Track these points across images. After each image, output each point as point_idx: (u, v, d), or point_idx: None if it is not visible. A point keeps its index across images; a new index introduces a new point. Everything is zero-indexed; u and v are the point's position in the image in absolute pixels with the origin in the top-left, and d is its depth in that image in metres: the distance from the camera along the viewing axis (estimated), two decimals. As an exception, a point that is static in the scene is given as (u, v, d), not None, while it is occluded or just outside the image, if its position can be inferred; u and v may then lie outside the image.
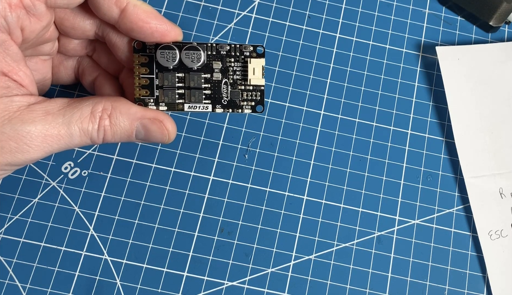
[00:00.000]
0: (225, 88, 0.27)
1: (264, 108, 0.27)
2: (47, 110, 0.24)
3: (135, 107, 0.26)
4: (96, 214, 0.32)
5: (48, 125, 0.24)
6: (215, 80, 0.27)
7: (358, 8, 0.37)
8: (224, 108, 0.28)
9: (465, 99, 0.35)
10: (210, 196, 0.32)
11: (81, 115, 0.25)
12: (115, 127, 0.26)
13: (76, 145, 0.25)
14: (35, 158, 0.24)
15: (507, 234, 0.33)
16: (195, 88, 0.27)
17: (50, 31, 0.27)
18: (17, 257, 0.30)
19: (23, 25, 0.24)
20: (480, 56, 0.36)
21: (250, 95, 0.28)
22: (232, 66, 0.27)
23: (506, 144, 0.34)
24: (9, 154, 0.23)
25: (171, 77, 0.27)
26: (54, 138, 0.24)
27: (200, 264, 0.31)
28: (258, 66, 0.27)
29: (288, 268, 0.31)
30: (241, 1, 0.37)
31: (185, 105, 0.27)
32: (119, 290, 0.30)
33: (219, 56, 0.27)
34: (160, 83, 0.27)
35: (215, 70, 0.27)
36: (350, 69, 0.36)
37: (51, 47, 0.28)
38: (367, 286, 0.31)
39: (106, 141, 0.26)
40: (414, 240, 0.32)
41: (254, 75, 0.27)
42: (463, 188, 0.33)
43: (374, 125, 0.35)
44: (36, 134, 0.24)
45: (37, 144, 0.24)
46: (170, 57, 0.26)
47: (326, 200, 0.33)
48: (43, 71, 0.29)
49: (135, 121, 0.26)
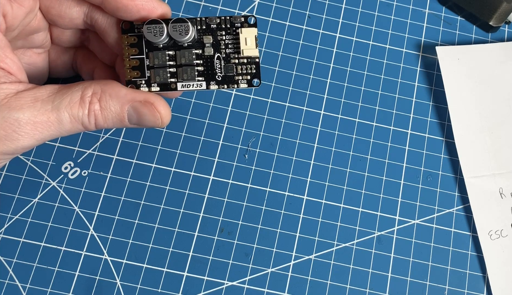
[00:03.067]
0: (218, 63, 0.26)
1: (261, 82, 0.25)
2: (35, 96, 0.24)
3: (125, 90, 0.25)
4: (96, 214, 0.32)
5: (37, 112, 0.23)
6: (207, 55, 0.26)
7: (358, 8, 0.37)
8: (218, 84, 0.26)
9: (465, 99, 0.35)
10: (210, 196, 0.32)
11: (70, 101, 0.24)
12: (105, 111, 0.25)
13: (68, 131, 0.25)
14: (26, 146, 0.24)
15: (507, 234, 0.33)
16: (187, 65, 0.26)
17: (37, 20, 0.26)
18: (17, 257, 0.30)
19: (5, 11, 0.23)
20: (480, 56, 0.36)
21: (245, 69, 0.26)
22: (224, 39, 0.26)
23: (506, 144, 0.34)
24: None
25: (161, 55, 0.26)
26: (44, 125, 0.24)
27: (200, 264, 0.31)
28: (251, 35, 0.26)
29: (288, 268, 0.31)
30: (241, 1, 0.37)
31: (178, 84, 0.26)
32: (119, 290, 0.30)
33: (210, 30, 0.26)
34: (150, 62, 0.26)
35: (206, 45, 0.26)
36: (350, 69, 0.36)
37: (43, 38, 0.28)
38: (367, 286, 0.31)
39: (99, 127, 0.25)
40: (414, 240, 0.32)
41: (246, 45, 0.26)
42: (463, 188, 0.33)
43: (374, 125, 0.35)
44: (24, 121, 0.23)
45: (27, 132, 0.23)
46: (158, 31, 0.25)
47: (326, 200, 0.33)
48: (39, 65, 0.29)
49: (125, 104, 0.25)
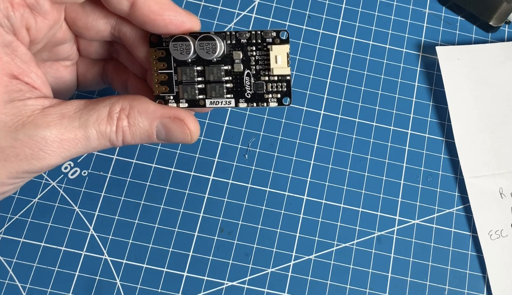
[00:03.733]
0: (248, 80, 0.25)
1: (292, 101, 0.25)
2: (62, 113, 0.23)
3: (154, 106, 0.25)
4: (96, 214, 0.32)
5: (64, 129, 0.22)
6: (237, 72, 0.25)
7: (358, 8, 0.37)
8: (248, 102, 0.25)
9: (465, 99, 0.35)
10: (210, 196, 0.32)
11: (98, 117, 0.23)
12: (134, 127, 0.24)
13: (95, 148, 0.24)
14: (52, 164, 0.23)
15: (507, 234, 0.33)
16: (215, 81, 0.25)
17: (63, 32, 0.26)
18: (17, 257, 0.30)
19: (28, 25, 0.23)
20: (480, 56, 0.36)
21: (275, 86, 0.25)
22: (254, 55, 0.25)
23: (506, 144, 0.34)
24: (25, 161, 0.22)
25: (189, 71, 0.25)
26: (71, 143, 0.23)
27: (200, 264, 0.31)
28: (282, 53, 0.24)
29: (288, 268, 0.31)
30: (241, 1, 0.37)
31: (206, 100, 0.25)
32: (119, 290, 0.30)
33: (239, 45, 0.25)
34: (178, 78, 0.25)
35: (236, 61, 0.25)
36: (350, 69, 0.36)
37: (69, 50, 0.27)
38: (367, 286, 0.31)
39: (126, 143, 0.25)
40: (414, 240, 0.32)
41: (277, 63, 0.24)
42: (463, 188, 0.33)
43: (374, 125, 0.35)
44: (51, 139, 0.22)
45: (54, 150, 0.22)
46: (184, 49, 0.24)
47: (326, 200, 0.33)
48: (66, 78, 0.28)
49: (154, 121, 0.24)
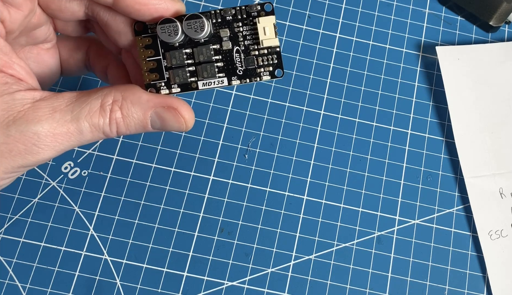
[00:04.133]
0: (238, 56, 0.25)
1: (284, 73, 0.25)
2: (53, 106, 0.23)
3: (147, 95, 0.24)
4: (96, 214, 0.32)
5: (56, 123, 0.23)
6: (226, 50, 0.25)
7: (358, 8, 0.37)
8: (240, 79, 0.25)
9: (465, 99, 0.35)
10: (210, 196, 0.32)
11: (90, 110, 0.23)
12: (127, 118, 0.24)
13: (89, 140, 0.24)
14: (46, 158, 0.23)
15: (507, 234, 0.33)
16: (206, 62, 0.25)
17: (37, 16, 0.25)
18: (17, 257, 0.30)
19: (2, 17, 0.23)
20: (480, 56, 0.36)
21: (266, 60, 0.25)
22: (241, 31, 0.25)
23: (506, 144, 0.34)
24: (19, 156, 0.22)
25: (179, 54, 0.25)
26: (64, 136, 0.23)
27: (200, 264, 0.31)
28: (269, 24, 0.24)
29: (288, 268, 0.31)
30: (241, 2, 0.37)
31: (198, 82, 0.25)
32: (119, 290, 0.30)
33: (225, 22, 0.25)
34: (168, 63, 0.25)
35: (224, 39, 0.25)
36: (350, 69, 0.36)
37: (46, 32, 0.27)
38: (367, 286, 0.31)
39: (121, 134, 0.25)
40: (414, 240, 0.32)
41: (265, 35, 0.25)
42: (463, 188, 0.33)
43: (374, 125, 0.35)
44: (44, 133, 0.22)
45: (47, 144, 0.23)
46: (172, 30, 0.24)
47: (326, 200, 0.33)
48: (48, 62, 0.28)
49: (148, 111, 0.24)
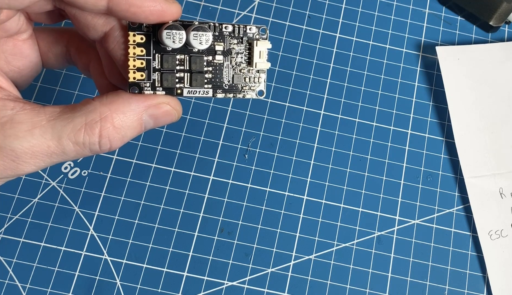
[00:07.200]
0: (227, 71, 0.25)
1: (266, 93, 0.26)
2: (33, 122, 0.22)
3: (135, 99, 0.24)
4: (96, 214, 0.32)
5: (35, 141, 0.21)
6: (217, 63, 0.25)
7: (358, 8, 0.37)
8: (225, 92, 0.25)
9: (465, 99, 0.35)
10: (210, 196, 0.32)
11: (73, 128, 0.22)
12: (122, 129, 0.23)
13: (73, 158, 0.23)
14: (28, 172, 0.22)
15: (507, 234, 0.33)
16: (197, 71, 0.25)
17: (4, 12, 0.23)
18: (17, 257, 0.30)
19: None
20: (480, 56, 0.36)
21: (253, 79, 0.26)
22: (235, 48, 0.25)
23: (506, 144, 0.34)
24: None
25: (172, 59, 0.24)
26: (44, 154, 0.22)
27: (200, 264, 0.31)
28: (264, 48, 0.25)
29: (288, 268, 0.31)
30: (241, 1, 0.37)
31: (184, 90, 0.25)
32: (119, 290, 0.30)
33: (222, 37, 0.25)
34: (159, 65, 0.25)
35: (218, 52, 0.25)
36: (350, 69, 0.36)
37: (17, 23, 0.25)
38: (367, 286, 0.31)
39: (115, 148, 0.24)
40: (414, 240, 0.32)
41: (260, 58, 0.25)
42: (463, 188, 0.33)
43: (374, 125, 0.35)
44: (22, 151, 0.21)
45: (26, 161, 0.22)
46: (177, 38, 0.24)
47: (326, 200, 0.33)
48: (27, 53, 0.27)
49: (140, 114, 0.24)
